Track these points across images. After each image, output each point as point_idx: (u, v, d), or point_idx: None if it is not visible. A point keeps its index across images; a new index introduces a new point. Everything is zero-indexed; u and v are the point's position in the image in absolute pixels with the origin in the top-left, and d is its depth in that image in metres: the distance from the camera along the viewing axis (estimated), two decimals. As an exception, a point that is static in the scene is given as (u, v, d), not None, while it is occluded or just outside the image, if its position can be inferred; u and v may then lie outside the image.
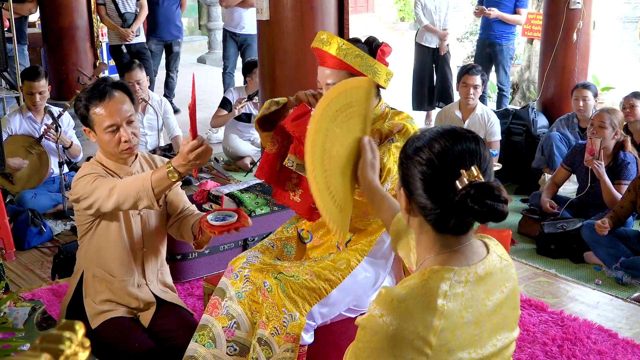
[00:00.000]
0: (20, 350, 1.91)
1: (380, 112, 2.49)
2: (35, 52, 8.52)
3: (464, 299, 1.41)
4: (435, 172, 1.43)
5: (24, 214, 4.29)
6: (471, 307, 1.42)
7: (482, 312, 1.44)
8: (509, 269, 1.54)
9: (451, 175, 1.41)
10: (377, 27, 16.90)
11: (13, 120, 4.86)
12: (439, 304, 1.38)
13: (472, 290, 1.43)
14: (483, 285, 1.46)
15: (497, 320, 1.48)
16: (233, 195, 4.26)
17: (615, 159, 4.49)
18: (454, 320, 1.39)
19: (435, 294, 1.39)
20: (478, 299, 1.44)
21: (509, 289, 1.51)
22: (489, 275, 1.47)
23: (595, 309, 3.48)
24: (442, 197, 1.42)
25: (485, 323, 1.45)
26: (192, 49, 12.89)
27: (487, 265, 1.48)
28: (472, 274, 1.45)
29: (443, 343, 1.37)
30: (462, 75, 5.43)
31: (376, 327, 1.39)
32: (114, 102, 2.49)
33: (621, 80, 8.85)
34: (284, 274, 2.35)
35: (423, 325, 1.37)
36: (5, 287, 3.37)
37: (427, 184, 1.44)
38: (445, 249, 1.48)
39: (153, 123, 5.66)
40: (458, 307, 1.40)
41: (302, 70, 4.16)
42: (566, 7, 5.84)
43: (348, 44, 2.33)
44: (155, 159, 2.75)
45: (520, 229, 4.69)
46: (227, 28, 7.79)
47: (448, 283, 1.41)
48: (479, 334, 1.43)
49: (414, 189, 1.46)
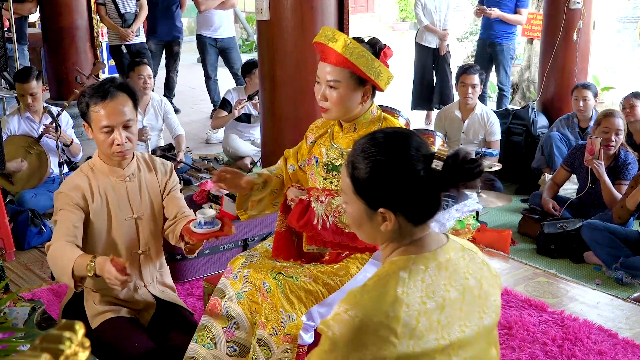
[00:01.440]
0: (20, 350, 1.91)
1: (371, 117, 2.48)
2: (35, 52, 8.52)
3: (424, 285, 1.45)
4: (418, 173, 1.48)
5: (24, 214, 4.29)
6: (433, 293, 1.46)
7: (445, 297, 1.47)
8: (474, 257, 1.58)
9: (427, 166, 1.48)
10: (377, 27, 16.91)
11: (11, 121, 4.86)
12: (399, 292, 1.42)
13: (433, 277, 1.47)
14: (444, 271, 1.49)
15: (465, 308, 1.50)
16: (233, 195, 4.26)
17: (616, 159, 4.49)
18: (416, 307, 1.42)
19: (394, 283, 1.44)
20: (439, 285, 1.47)
21: (475, 278, 1.54)
22: (450, 262, 1.51)
23: (595, 309, 3.47)
24: (426, 188, 1.49)
25: (450, 309, 1.47)
26: (192, 49, 12.89)
27: (447, 251, 1.53)
28: (432, 260, 1.49)
29: (408, 330, 1.40)
30: (461, 75, 5.43)
31: (341, 322, 1.41)
32: (114, 103, 2.47)
33: (621, 80, 8.85)
34: (283, 274, 2.35)
35: (386, 315, 1.40)
36: (5, 287, 3.37)
37: (413, 187, 1.48)
38: (405, 240, 1.52)
39: (153, 123, 5.66)
40: (419, 294, 1.44)
41: (302, 70, 4.15)
42: (566, 7, 5.84)
43: (355, 42, 2.31)
44: (156, 162, 2.73)
45: (520, 229, 4.69)
46: (204, 34, 7.50)
47: (407, 271, 1.46)
48: (445, 320, 1.46)
49: (399, 202, 1.49)
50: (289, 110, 4.31)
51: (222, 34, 7.52)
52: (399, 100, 7.37)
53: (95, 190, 2.57)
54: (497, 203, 4.89)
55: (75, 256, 2.32)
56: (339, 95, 2.37)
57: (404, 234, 1.52)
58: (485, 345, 1.55)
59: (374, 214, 1.51)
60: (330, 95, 2.37)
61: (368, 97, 2.43)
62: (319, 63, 2.42)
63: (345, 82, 2.35)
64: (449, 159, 1.47)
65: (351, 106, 2.41)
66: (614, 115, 4.47)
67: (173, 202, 2.69)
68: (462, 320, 1.49)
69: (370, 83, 2.39)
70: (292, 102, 4.26)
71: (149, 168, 2.68)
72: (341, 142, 2.49)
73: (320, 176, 2.51)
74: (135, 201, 2.62)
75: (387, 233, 1.52)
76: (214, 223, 2.40)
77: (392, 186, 1.48)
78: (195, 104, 8.75)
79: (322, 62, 2.40)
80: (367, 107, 2.46)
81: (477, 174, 1.48)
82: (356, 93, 2.39)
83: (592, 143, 4.38)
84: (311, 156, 2.58)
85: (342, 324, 1.41)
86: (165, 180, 2.70)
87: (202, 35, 7.55)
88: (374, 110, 2.49)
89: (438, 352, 1.44)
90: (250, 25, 13.86)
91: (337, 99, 2.37)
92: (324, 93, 2.39)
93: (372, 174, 1.49)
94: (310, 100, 2.56)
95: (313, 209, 2.31)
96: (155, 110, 5.67)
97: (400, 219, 1.50)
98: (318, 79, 2.42)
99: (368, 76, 2.33)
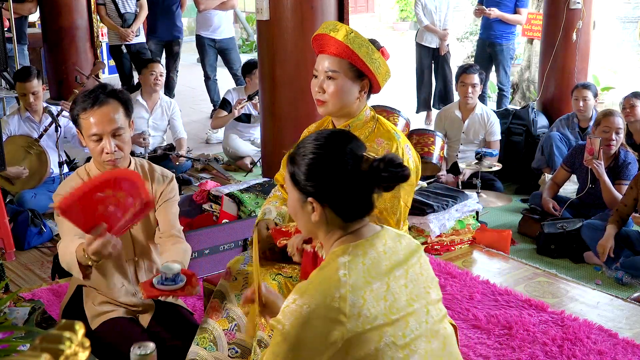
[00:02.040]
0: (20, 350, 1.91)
1: (365, 118, 2.47)
2: (35, 52, 8.52)
3: (365, 267, 1.57)
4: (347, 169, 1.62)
5: (24, 214, 4.29)
6: (376, 274, 1.57)
7: (389, 276, 1.59)
8: (409, 241, 1.71)
9: (355, 165, 1.62)
10: (377, 27, 16.92)
11: (11, 122, 4.86)
12: (341, 274, 1.53)
13: (373, 259, 1.59)
14: (383, 254, 1.62)
15: (410, 285, 1.63)
16: (233, 195, 4.26)
17: (616, 159, 4.50)
18: (360, 286, 1.53)
19: (336, 268, 1.55)
20: (380, 267, 1.59)
21: (415, 257, 1.68)
22: (387, 246, 1.64)
23: (595, 309, 3.47)
24: (352, 185, 1.63)
25: (395, 286, 1.59)
26: (192, 49, 12.88)
27: (383, 237, 1.65)
28: (369, 246, 1.61)
29: (356, 309, 1.50)
30: (460, 74, 5.43)
31: (289, 313, 1.51)
32: (103, 111, 2.41)
33: (621, 80, 8.85)
34: (283, 275, 2.35)
35: (331, 297, 1.50)
36: (5, 287, 3.37)
37: (341, 182, 1.62)
38: (343, 232, 1.66)
39: (159, 124, 5.67)
40: (361, 274, 1.55)
41: (302, 70, 4.16)
42: (566, 7, 5.84)
43: (356, 32, 2.31)
44: (155, 173, 2.65)
45: (520, 229, 4.69)
46: (203, 34, 7.50)
47: (346, 256, 1.58)
48: (392, 297, 1.57)
49: (327, 194, 1.63)
50: (289, 110, 4.31)
51: (221, 34, 7.51)
52: (399, 100, 7.38)
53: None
54: (497, 203, 4.89)
55: (75, 247, 2.31)
56: (336, 87, 2.35)
57: (336, 226, 1.65)
58: (437, 319, 1.65)
59: (305, 204, 1.65)
60: (328, 86, 2.36)
61: (365, 93, 2.42)
62: (318, 56, 2.40)
63: (343, 73, 2.34)
64: (376, 160, 1.61)
65: (348, 100, 2.39)
66: (613, 114, 4.47)
67: (163, 215, 2.60)
68: (409, 296, 1.61)
69: (368, 78, 2.38)
70: (292, 102, 4.26)
71: (145, 177, 2.60)
72: None
73: None
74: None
75: (318, 225, 1.66)
76: (177, 280, 2.28)
77: (322, 178, 1.63)
78: (195, 104, 8.75)
79: (321, 54, 2.39)
80: (362, 106, 2.45)
81: (402, 177, 1.61)
82: (354, 86, 2.37)
83: (592, 143, 4.38)
84: None
85: (291, 314, 1.51)
86: (161, 190, 2.61)
87: (201, 35, 7.54)
88: (367, 111, 2.48)
89: (388, 326, 1.53)
90: (250, 25, 13.85)
91: (335, 90, 2.36)
92: (322, 85, 2.37)
93: (306, 165, 1.64)
94: (310, 100, 2.54)
95: (322, 258, 2.30)
96: (163, 111, 5.67)
97: (328, 211, 1.64)
98: (316, 72, 2.40)
99: (368, 67, 2.32)
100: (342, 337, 1.49)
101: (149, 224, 2.64)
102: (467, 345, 3.07)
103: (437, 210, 4.13)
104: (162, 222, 2.60)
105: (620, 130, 4.43)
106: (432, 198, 4.25)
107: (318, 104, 2.43)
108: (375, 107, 4.75)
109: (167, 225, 2.59)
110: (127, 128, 2.49)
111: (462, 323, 3.28)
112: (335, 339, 1.48)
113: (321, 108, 2.43)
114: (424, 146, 4.90)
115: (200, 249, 3.72)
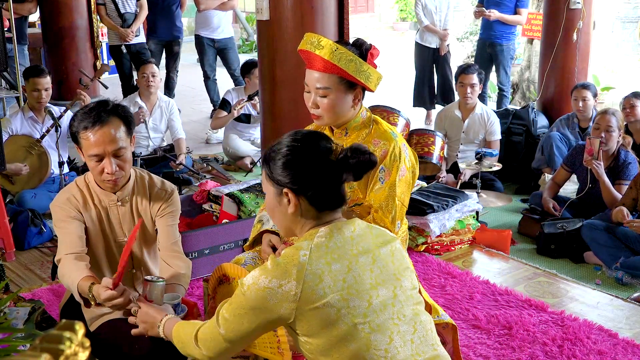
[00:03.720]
0: (20, 350, 1.91)
1: (361, 120, 2.47)
2: (35, 52, 8.51)
3: (328, 249, 1.69)
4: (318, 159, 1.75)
5: (23, 214, 4.29)
6: (339, 257, 1.69)
7: (352, 261, 1.70)
8: (382, 232, 1.82)
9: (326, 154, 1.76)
10: (377, 27, 16.91)
11: (14, 120, 4.86)
12: (301, 255, 1.67)
13: (338, 243, 1.71)
14: (350, 240, 1.73)
15: (376, 270, 1.73)
16: (233, 195, 4.26)
17: (616, 159, 4.49)
18: (319, 267, 1.66)
19: (299, 249, 1.69)
20: (345, 251, 1.71)
21: (386, 248, 1.78)
22: (355, 233, 1.75)
23: (595, 309, 3.47)
24: (324, 174, 1.75)
25: (359, 270, 1.70)
26: (192, 49, 12.91)
27: (351, 225, 1.77)
28: (335, 231, 1.73)
29: (310, 287, 1.64)
30: (459, 75, 5.43)
31: (252, 278, 1.70)
32: (104, 130, 2.32)
33: (621, 80, 8.85)
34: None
35: (289, 275, 1.66)
36: (5, 287, 3.37)
37: (313, 171, 1.75)
38: (318, 223, 1.78)
39: (158, 125, 5.67)
40: (322, 256, 1.68)
41: (302, 70, 4.10)
42: (566, 7, 5.84)
43: (342, 47, 2.29)
44: (155, 188, 2.57)
45: (520, 229, 4.69)
46: (203, 34, 7.49)
47: (312, 240, 1.71)
48: (352, 279, 1.68)
49: (301, 184, 1.75)
50: (289, 110, 4.31)
51: (220, 34, 7.51)
52: (399, 100, 7.38)
53: (90, 207, 2.52)
54: (497, 203, 4.89)
55: (78, 278, 2.29)
56: (330, 102, 2.36)
57: (310, 217, 1.77)
58: (407, 304, 1.75)
59: (281, 197, 1.77)
60: (322, 102, 2.37)
61: (359, 100, 2.43)
62: (307, 70, 2.39)
63: (335, 88, 2.34)
64: (343, 150, 1.76)
65: (343, 111, 2.40)
66: (607, 112, 4.47)
67: (161, 229, 2.55)
68: (374, 280, 1.72)
69: (360, 86, 2.38)
70: (292, 102, 4.26)
71: (145, 193, 2.55)
72: None
73: None
74: (127, 224, 2.54)
75: (293, 218, 1.78)
76: (178, 310, 2.30)
77: (296, 168, 1.75)
78: (195, 104, 8.75)
79: (309, 69, 2.38)
80: (358, 110, 2.45)
81: (369, 163, 1.75)
82: (347, 97, 2.38)
83: (591, 143, 4.38)
84: None
85: (253, 279, 1.69)
86: (159, 205, 2.55)
87: (200, 35, 7.54)
88: (364, 113, 2.48)
89: (344, 302, 1.66)
90: (250, 25, 13.85)
91: (329, 105, 2.36)
92: (315, 101, 2.38)
93: (282, 156, 1.76)
94: (310, 101, 2.54)
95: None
96: (162, 111, 5.67)
97: (302, 202, 1.76)
98: (307, 87, 2.40)
99: (358, 79, 2.31)
100: (292, 312, 1.66)
101: (148, 239, 2.63)
102: (467, 345, 3.07)
103: (437, 210, 4.13)
104: (160, 234, 2.56)
105: (610, 127, 4.41)
106: (432, 198, 4.25)
107: (313, 117, 2.44)
108: (375, 107, 4.76)
109: (165, 238, 2.55)
110: (128, 147, 2.41)
111: (462, 323, 3.28)
112: (284, 313, 1.66)
113: (317, 121, 2.46)
114: (424, 146, 4.90)
115: (200, 249, 3.72)
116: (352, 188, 2.43)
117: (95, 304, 2.25)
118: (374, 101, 4.92)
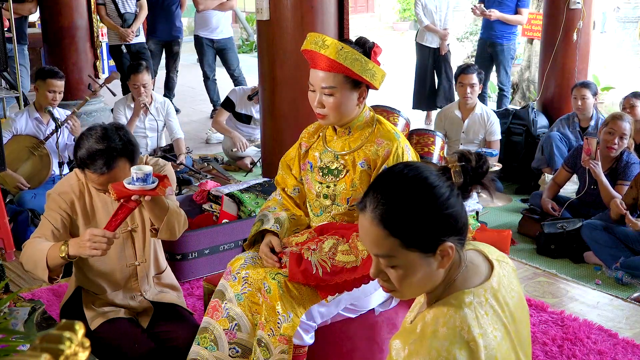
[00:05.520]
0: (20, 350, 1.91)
1: (365, 119, 2.47)
2: (35, 52, 8.52)
3: (488, 318, 1.38)
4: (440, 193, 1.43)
5: (24, 214, 4.29)
6: (497, 324, 1.40)
7: (505, 322, 1.42)
8: (510, 270, 1.53)
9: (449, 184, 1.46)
10: (377, 27, 16.92)
11: (19, 120, 4.84)
12: (475, 334, 1.34)
13: (493, 307, 1.41)
14: (500, 296, 1.44)
15: (518, 316, 1.46)
16: (233, 195, 4.26)
17: (618, 161, 4.49)
18: (493, 346, 1.35)
19: (465, 323, 1.35)
20: (498, 313, 1.41)
21: (516, 292, 1.50)
22: (501, 285, 1.46)
23: (595, 309, 3.48)
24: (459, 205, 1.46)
25: (511, 334, 1.42)
26: (192, 49, 12.95)
27: (497, 275, 1.46)
28: (489, 291, 1.42)
29: None
30: (459, 75, 5.43)
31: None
32: (111, 175, 2.35)
33: (621, 80, 8.85)
34: (282, 274, 2.35)
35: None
36: (5, 287, 3.37)
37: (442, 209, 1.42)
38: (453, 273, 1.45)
39: (154, 125, 5.66)
40: (490, 329, 1.37)
41: (302, 70, 4.14)
42: (566, 7, 5.83)
43: (347, 46, 2.30)
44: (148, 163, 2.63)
45: (520, 229, 4.69)
46: (202, 34, 7.50)
47: (472, 309, 1.38)
48: (510, 343, 1.41)
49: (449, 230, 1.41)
50: (289, 110, 4.31)
51: (219, 34, 7.52)
52: (399, 100, 7.38)
53: (87, 200, 2.53)
54: (497, 203, 4.89)
55: (49, 246, 2.31)
56: (335, 101, 2.36)
57: (455, 264, 1.44)
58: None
59: (431, 257, 1.39)
60: (327, 101, 2.37)
61: (364, 99, 2.43)
62: (311, 70, 2.39)
63: (340, 87, 2.34)
64: (463, 167, 1.48)
65: (349, 109, 2.40)
66: (623, 119, 4.42)
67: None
68: (522, 332, 1.47)
69: (364, 84, 2.38)
70: (292, 102, 4.26)
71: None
72: (335, 145, 2.49)
73: (316, 181, 2.51)
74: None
75: (441, 273, 1.42)
76: (149, 180, 2.21)
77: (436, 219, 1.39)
78: (195, 104, 8.75)
79: (313, 69, 2.37)
80: (362, 109, 2.46)
81: (487, 169, 1.51)
82: (352, 96, 2.39)
83: (589, 143, 4.37)
84: (305, 162, 2.58)
85: None
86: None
87: (199, 35, 7.54)
88: (367, 112, 2.49)
89: None
90: (250, 25, 13.86)
91: (334, 104, 2.37)
92: (320, 100, 2.38)
93: (412, 218, 1.37)
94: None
95: (307, 260, 2.31)
96: (158, 111, 5.66)
97: (455, 243, 1.40)
98: (312, 87, 2.40)
99: (364, 78, 2.32)
100: None
101: (146, 227, 2.63)
102: (467, 345, 3.07)
103: (437, 210, 4.13)
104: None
105: (625, 135, 4.39)
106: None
107: (318, 117, 2.44)
108: (375, 107, 4.74)
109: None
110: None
111: (462, 323, 3.28)
112: None
113: (322, 120, 2.45)
114: (424, 146, 4.88)
115: (200, 249, 3.72)
116: (354, 188, 2.43)
117: (67, 258, 2.26)
118: (374, 101, 4.92)
